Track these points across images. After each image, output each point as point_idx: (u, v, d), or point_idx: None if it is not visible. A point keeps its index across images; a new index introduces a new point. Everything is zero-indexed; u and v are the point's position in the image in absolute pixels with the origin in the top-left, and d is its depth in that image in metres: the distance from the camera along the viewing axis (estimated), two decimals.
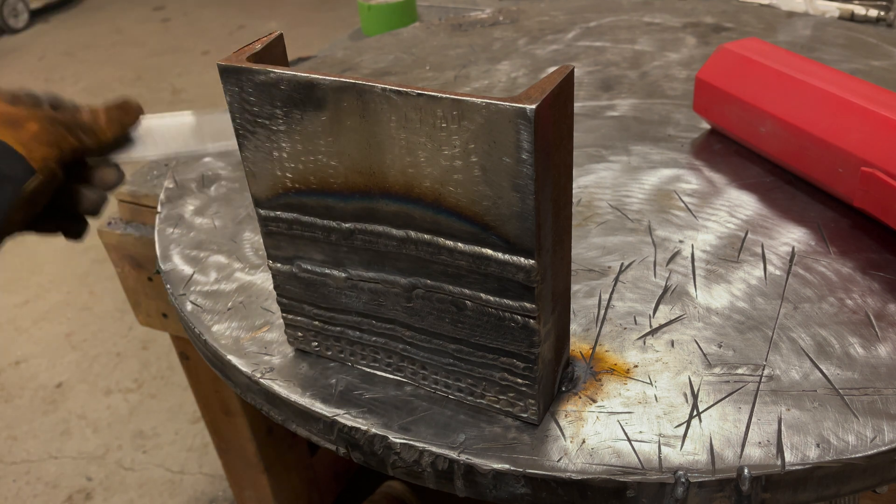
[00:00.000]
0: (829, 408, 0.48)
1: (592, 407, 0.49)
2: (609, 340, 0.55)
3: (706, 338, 0.54)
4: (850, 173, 0.63)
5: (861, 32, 1.04)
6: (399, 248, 0.47)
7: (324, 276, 0.52)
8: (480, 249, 0.44)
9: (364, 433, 0.50)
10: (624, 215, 0.68)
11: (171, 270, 0.68)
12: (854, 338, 0.53)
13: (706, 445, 0.46)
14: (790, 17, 1.13)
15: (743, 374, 0.51)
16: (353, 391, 0.53)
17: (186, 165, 0.86)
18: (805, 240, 0.63)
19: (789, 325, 0.55)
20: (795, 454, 0.45)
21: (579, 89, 0.94)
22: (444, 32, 1.17)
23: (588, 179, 0.74)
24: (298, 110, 0.45)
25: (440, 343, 0.49)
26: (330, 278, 0.51)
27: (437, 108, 0.40)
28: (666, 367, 0.52)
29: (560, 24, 1.16)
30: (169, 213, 0.77)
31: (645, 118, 0.85)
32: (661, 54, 1.02)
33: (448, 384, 0.51)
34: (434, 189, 0.43)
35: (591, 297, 0.59)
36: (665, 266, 0.61)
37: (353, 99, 0.43)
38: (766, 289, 0.58)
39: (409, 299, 0.49)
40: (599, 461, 0.46)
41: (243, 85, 0.46)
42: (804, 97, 0.68)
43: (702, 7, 1.19)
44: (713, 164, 0.75)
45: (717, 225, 0.66)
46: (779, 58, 0.73)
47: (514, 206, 0.41)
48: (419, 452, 0.48)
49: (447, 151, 0.41)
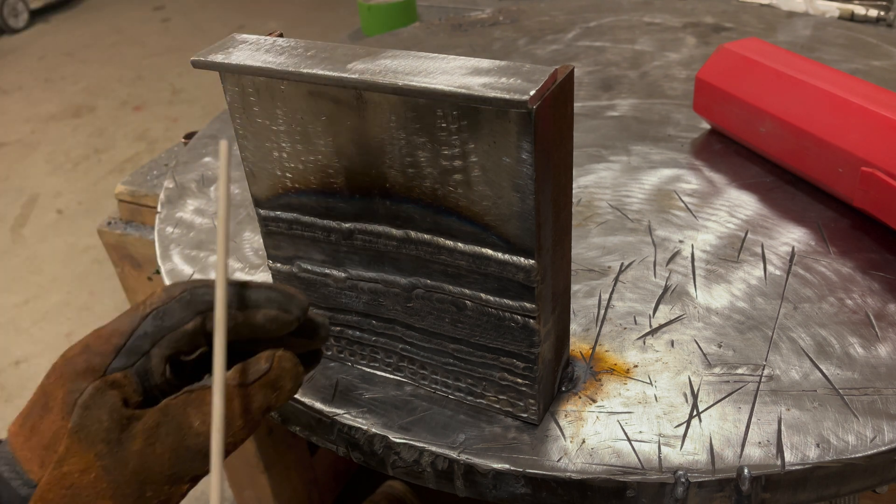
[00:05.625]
0: (829, 408, 0.48)
1: (592, 407, 0.49)
2: (609, 340, 0.55)
3: (706, 338, 0.54)
4: (850, 173, 0.63)
5: (861, 32, 1.04)
6: (399, 248, 0.47)
7: (324, 276, 0.52)
8: (480, 249, 0.44)
9: (364, 433, 0.50)
10: (624, 215, 0.68)
11: (171, 270, 0.68)
12: (854, 338, 0.53)
13: (706, 445, 0.46)
14: (790, 17, 1.13)
15: (743, 374, 0.51)
16: (353, 391, 0.53)
17: (186, 165, 0.86)
18: (805, 240, 0.63)
19: (789, 325, 0.55)
20: (795, 454, 0.45)
21: (579, 89, 0.94)
22: (444, 32, 1.17)
23: (588, 179, 0.74)
24: (298, 110, 0.45)
25: (440, 343, 0.49)
26: (330, 278, 0.51)
27: (437, 108, 0.40)
28: (666, 367, 0.52)
29: (560, 24, 1.16)
30: (169, 213, 0.77)
31: (645, 118, 0.85)
32: (661, 54, 1.02)
33: (448, 384, 0.51)
34: (434, 189, 0.43)
35: (591, 297, 0.59)
36: (665, 266, 0.61)
37: (352, 99, 0.43)
38: (766, 289, 0.58)
39: (408, 299, 0.49)
40: (599, 461, 0.46)
41: (244, 85, 0.46)
42: (804, 97, 0.68)
43: (702, 7, 1.19)
44: (713, 164, 0.75)
45: (717, 225, 0.66)
46: (779, 58, 0.73)
47: (514, 206, 0.41)
48: (419, 452, 0.48)
49: (447, 151, 0.41)
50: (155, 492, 0.38)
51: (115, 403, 0.37)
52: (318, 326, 0.44)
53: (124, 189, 0.99)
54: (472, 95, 0.38)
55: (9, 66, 3.91)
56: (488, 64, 0.40)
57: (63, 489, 0.37)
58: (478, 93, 0.37)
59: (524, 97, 0.36)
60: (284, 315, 0.40)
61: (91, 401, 0.37)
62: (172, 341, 0.39)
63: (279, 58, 0.44)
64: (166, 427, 0.38)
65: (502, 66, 0.39)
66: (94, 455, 0.37)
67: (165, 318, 0.40)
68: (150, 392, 0.40)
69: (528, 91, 0.37)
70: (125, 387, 0.38)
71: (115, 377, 0.38)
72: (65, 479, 0.37)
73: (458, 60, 0.41)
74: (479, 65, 0.40)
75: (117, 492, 0.37)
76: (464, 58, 0.41)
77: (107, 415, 0.37)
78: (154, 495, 0.38)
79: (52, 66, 3.85)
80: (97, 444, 0.37)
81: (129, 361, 0.39)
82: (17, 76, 3.77)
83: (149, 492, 0.37)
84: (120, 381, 0.38)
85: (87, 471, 0.37)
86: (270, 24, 4.09)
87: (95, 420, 0.37)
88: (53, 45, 4.18)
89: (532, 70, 0.38)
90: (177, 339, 0.40)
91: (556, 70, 0.39)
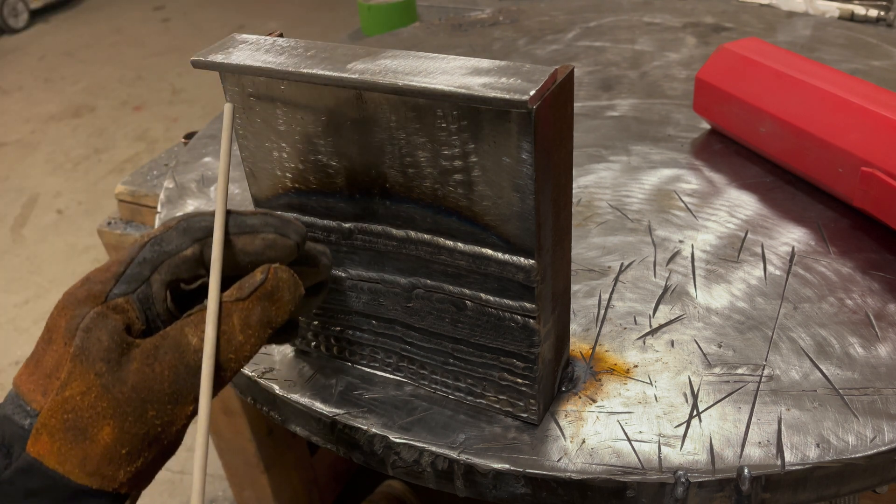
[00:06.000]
0: (829, 408, 0.48)
1: (592, 407, 0.49)
2: (609, 340, 0.55)
3: (706, 338, 0.54)
4: (850, 173, 0.63)
5: (861, 32, 1.04)
6: (399, 248, 0.47)
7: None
8: (480, 249, 0.44)
9: (364, 433, 0.50)
10: (624, 215, 0.68)
11: None
12: (854, 338, 0.53)
13: (706, 445, 0.46)
14: (790, 17, 1.13)
15: (743, 374, 0.51)
16: (353, 391, 0.53)
17: (186, 165, 0.86)
18: (805, 240, 0.63)
19: (789, 325, 0.55)
20: (795, 454, 0.45)
21: (579, 89, 0.94)
22: (444, 32, 1.17)
23: (588, 179, 0.74)
24: (299, 110, 0.45)
25: (440, 343, 0.49)
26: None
27: (437, 108, 0.40)
28: (666, 367, 0.52)
29: (560, 24, 1.16)
30: (169, 214, 0.77)
31: (645, 118, 0.85)
32: (661, 54, 1.02)
33: (448, 384, 0.51)
34: (434, 189, 0.43)
35: (591, 297, 0.59)
36: (665, 266, 0.61)
37: (352, 99, 0.43)
38: (766, 289, 0.58)
39: (409, 299, 0.49)
40: (599, 461, 0.46)
41: (244, 85, 0.46)
42: (804, 97, 0.68)
43: (702, 7, 1.19)
44: (713, 164, 0.75)
45: (717, 225, 0.66)
46: (779, 58, 0.73)
47: (514, 206, 0.41)
48: (419, 452, 0.48)
49: (447, 151, 0.41)
50: (157, 411, 0.37)
51: (117, 326, 0.37)
52: (318, 255, 0.44)
53: (124, 189, 0.99)
54: (472, 95, 0.38)
55: (9, 66, 3.91)
56: (488, 64, 0.40)
57: (65, 413, 0.36)
58: (478, 93, 0.37)
59: (524, 97, 0.36)
60: (283, 240, 0.41)
61: (92, 324, 0.37)
62: (172, 267, 0.39)
63: (279, 58, 0.44)
64: (164, 347, 0.37)
65: (502, 66, 0.39)
66: (94, 374, 0.36)
67: (163, 244, 0.40)
68: (153, 322, 0.39)
69: (528, 91, 0.37)
70: (127, 312, 0.38)
71: (117, 302, 0.38)
72: (66, 404, 0.36)
73: (458, 60, 0.41)
74: (479, 65, 0.40)
75: (118, 411, 0.36)
76: (464, 58, 0.41)
77: (107, 336, 0.37)
78: (156, 415, 0.37)
79: (52, 66, 3.85)
80: (97, 364, 0.36)
81: (130, 288, 0.39)
82: (17, 76, 3.77)
83: (151, 411, 0.37)
84: (122, 305, 0.38)
85: (87, 392, 0.36)
86: (270, 24, 4.09)
87: (96, 340, 0.37)
88: (53, 45, 4.18)
89: (532, 70, 0.38)
90: (176, 264, 0.39)
91: (556, 70, 0.39)
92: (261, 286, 0.39)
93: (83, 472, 0.36)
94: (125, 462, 0.37)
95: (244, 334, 0.39)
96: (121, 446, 0.36)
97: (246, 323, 0.39)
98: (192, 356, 0.38)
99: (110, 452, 0.36)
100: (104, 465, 0.36)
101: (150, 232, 0.40)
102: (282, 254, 0.41)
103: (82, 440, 0.36)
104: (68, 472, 0.36)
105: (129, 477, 0.37)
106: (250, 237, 0.40)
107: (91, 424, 0.36)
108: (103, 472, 0.36)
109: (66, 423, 0.36)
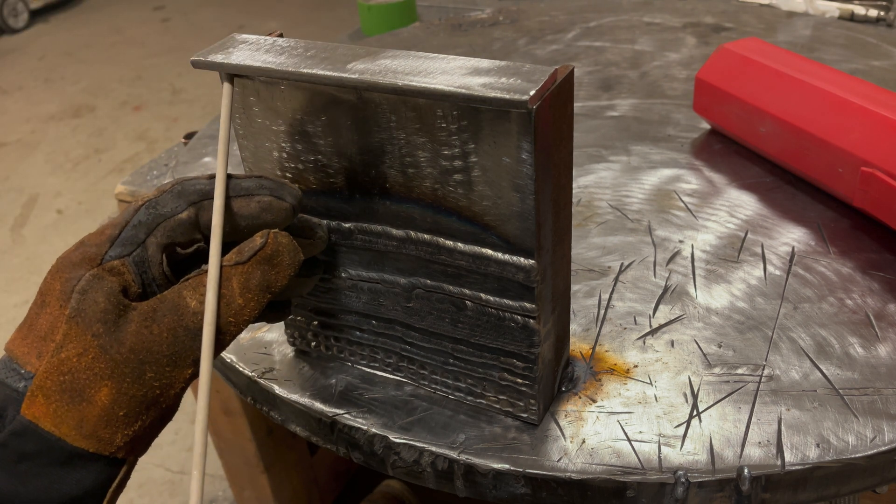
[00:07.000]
0: (829, 408, 0.48)
1: (592, 407, 0.49)
2: (609, 340, 0.55)
3: (706, 338, 0.54)
4: (850, 173, 0.63)
5: (861, 32, 1.04)
6: (399, 248, 0.47)
7: (324, 276, 0.52)
8: (480, 249, 0.44)
9: (364, 433, 0.50)
10: (624, 215, 0.68)
11: None
12: (854, 338, 0.53)
13: (706, 445, 0.46)
14: (790, 17, 1.13)
15: (743, 374, 0.51)
16: (353, 391, 0.53)
17: (186, 166, 0.86)
18: (805, 240, 0.63)
19: (789, 325, 0.55)
20: (795, 454, 0.45)
21: (579, 89, 0.94)
22: (444, 32, 1.17)
23: (588, 179, 0.74)
24: (298, 110, 0.45)
25: (440, 343, 0.49)
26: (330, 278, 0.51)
27: (437, 108, 0.40)
28: (666, 367, 0.52)
29: (560, 24, 1.16)
30: None
31: (645, 118, 0.85)
32: (661, 54, 1.02)
33: (448, 384, 0.51)
34: (434, 189, 0.43)
35: (591, 297, 0.59)
36: (665, 266, 0.61)
37: (352, 99, 0.43)
38: (766, 289, 0.58)
39: (408, 299, 0.49)
40: (599, 461, 0.46)
41: (244, 85, 0.46)
42: (804, 97, 0.68)
43: (702, 7, 1.19)
44: (713, 164, 0.75)
45: (717, 225, 0.66)
46: (779, 58, 0.73)
47: (514, 206, 0.41)
48: (419, 452, 0.48)
49: (447, 151, 0.41)
50: (156, 373, 0.36)
51: (114, 288, 0.37)
52: (314, 226, 0.45)
53: (124, 189, 0.99)
54: (472, 95, 0.38)
55: (9, 66, 3.91)
56: (488, 64, 0.40)
57: (61, 375, 0.35)
58: (478, 93, 0.37)
59: (524, 97, 0.36)
60: (278, 202, 0.41)
61: (88, 285, 0.36)
62: (167, 229, 0.39)
63: (279, 58, 0.44)
64: (162, 309, 0.37)
65: (502, 66, 0.39)
66: (91, 335, 0.36)
67: (158, 207, 0.39)
68: (149, 286, 0.39)
69: (528, 91, 0.37)
70: (123, 274, 0.38)
71: (113, 264, 0.38)
72: (63, 365, 0.36)
73: (458, 60, 0.41)
74: (479, 65, 0.40)
75: (115, 371, 0.36)
76: (464, 58, 0.41)
77: (104, 297, 0.36)
78: (154, 377, 0.36)
79: (52, 66, 3.85)
80: (94, 325, 0.36)
81: (126, 251, 0.38)
82: (17, 76, 3.77)
83: (149, 373, 0.36)
84: (118, 268, 0.38)
85: (84, 353, 0.36)
86: (270, 24, 4.09)
87: (92, 302, 0.36)
88: (53, 45, 4.18)
89: (532, 70, 0.38)
90: (171, 227, 0.39)
91: (556, 70, 0.39)
92: (261, 250, 0.39)
93: (80, 434, 0.35)
94: (123, 425, 0.36)
95: (244, 298, 0.39)
96: (118, 408, 0.36)
97: (245, 287, 0.39)
98: (191, 318, 0.37)
99: (108, 414, 0.36)
100: (101, 428, 0.36)
101: (144, 195, 0.40)
102: (278, 216, 0.41)
103: (79, 402, 0.35)
104: (64, 435, 0.35)
105: (126, 440, 0.37)
106: (246, 199, 0.40)
107: (88, 386, 0.36)
108: (100, 435, 0.36)
109: (63, 385, 0.35)
